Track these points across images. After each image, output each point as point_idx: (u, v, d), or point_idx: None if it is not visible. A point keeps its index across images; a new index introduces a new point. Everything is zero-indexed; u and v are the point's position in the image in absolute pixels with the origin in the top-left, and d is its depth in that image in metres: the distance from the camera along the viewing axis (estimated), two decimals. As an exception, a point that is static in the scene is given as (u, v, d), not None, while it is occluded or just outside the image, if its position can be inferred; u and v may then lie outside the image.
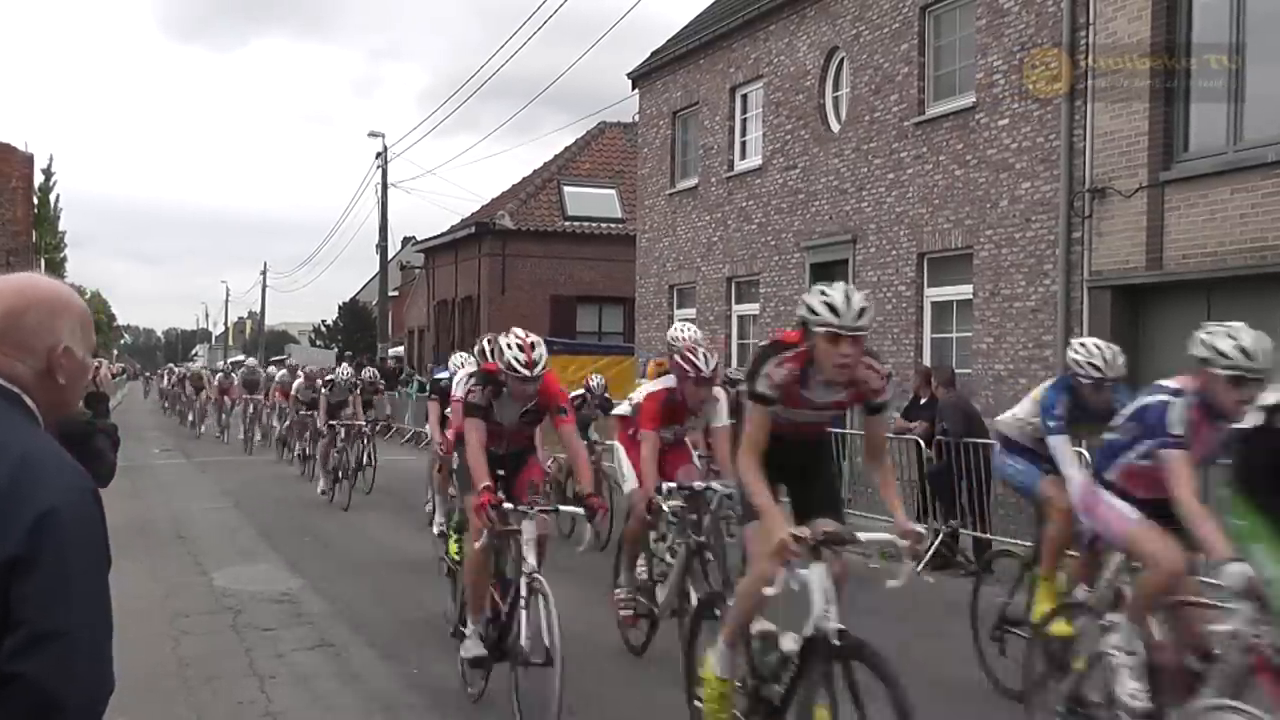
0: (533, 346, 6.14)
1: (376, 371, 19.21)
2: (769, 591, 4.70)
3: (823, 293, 4.71)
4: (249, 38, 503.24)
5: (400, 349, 45.99)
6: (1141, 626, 5.17)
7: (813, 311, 4.67)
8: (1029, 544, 8.18)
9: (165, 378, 49.70)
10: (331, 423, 16.15)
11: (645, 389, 7.89)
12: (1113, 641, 5.26)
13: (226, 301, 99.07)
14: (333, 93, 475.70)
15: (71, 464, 2.00)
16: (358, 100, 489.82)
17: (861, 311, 4.65)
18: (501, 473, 6.48)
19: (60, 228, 50.08)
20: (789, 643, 4.91)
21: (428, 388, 14.30)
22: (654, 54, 22.79)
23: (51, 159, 57.90)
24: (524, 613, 5.98)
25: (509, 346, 6.15)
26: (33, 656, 1.81)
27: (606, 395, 13.11)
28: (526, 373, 6.09)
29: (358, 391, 16.85)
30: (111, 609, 1.96)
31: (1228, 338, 4.93)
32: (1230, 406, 4.88)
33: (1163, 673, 5.00)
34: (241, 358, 64.67)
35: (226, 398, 28.69)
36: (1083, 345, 6.67)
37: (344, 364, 18.36)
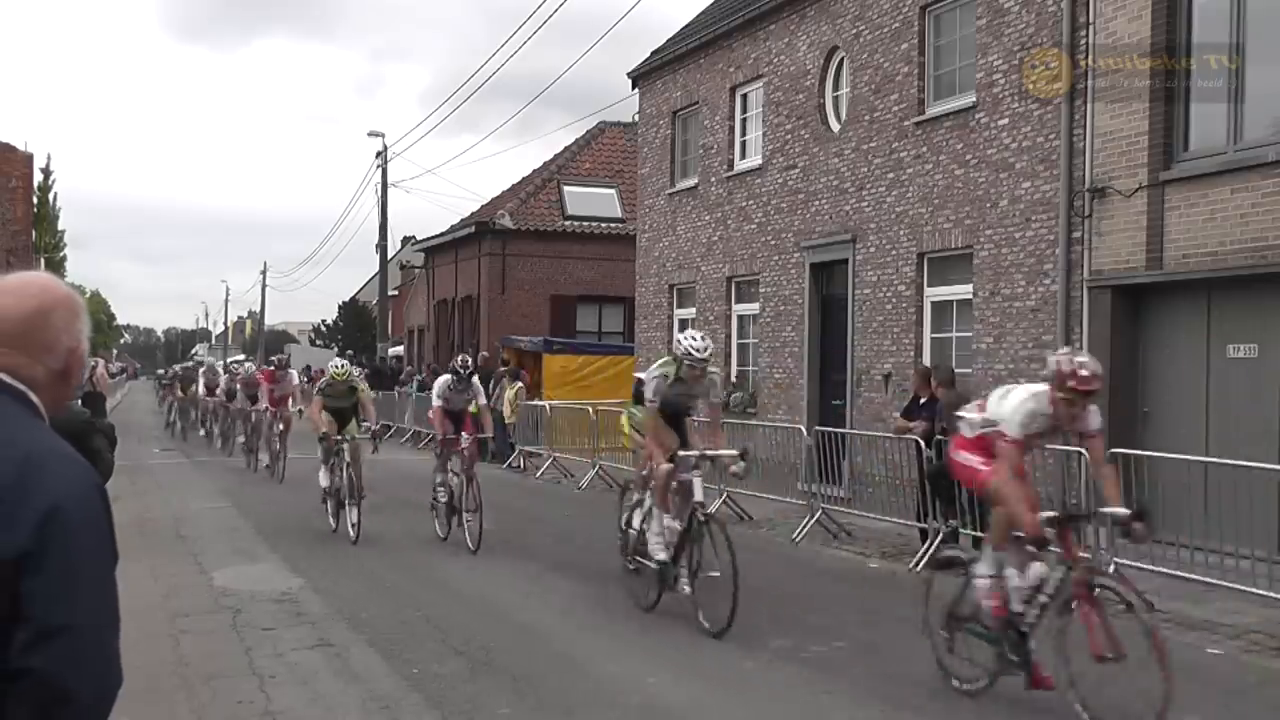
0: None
1: None
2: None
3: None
4: (252, 38, 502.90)
5: (400, 348, 46.01)
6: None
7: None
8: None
9: (202, 384, 28.88)
10: None
11: None
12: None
13: (226, 301, 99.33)
14: (335, 93, 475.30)
15: (78, 460, 2.01)
16: (360, 100, 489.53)
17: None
18: None
19: (60, 227, 50.21)
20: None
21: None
22: (654, 53, 22.79)
23: (49, 158, 58.03)
24: None
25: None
26: (42, 651, 1.83)
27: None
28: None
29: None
30: (119, 604, 1.98)
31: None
32: None
33: None
34: (241, 357, 64.49)
35: (464, 435, 12.40)
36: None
37: None
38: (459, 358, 13.29)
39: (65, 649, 1.85)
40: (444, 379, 12.90)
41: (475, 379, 12.72)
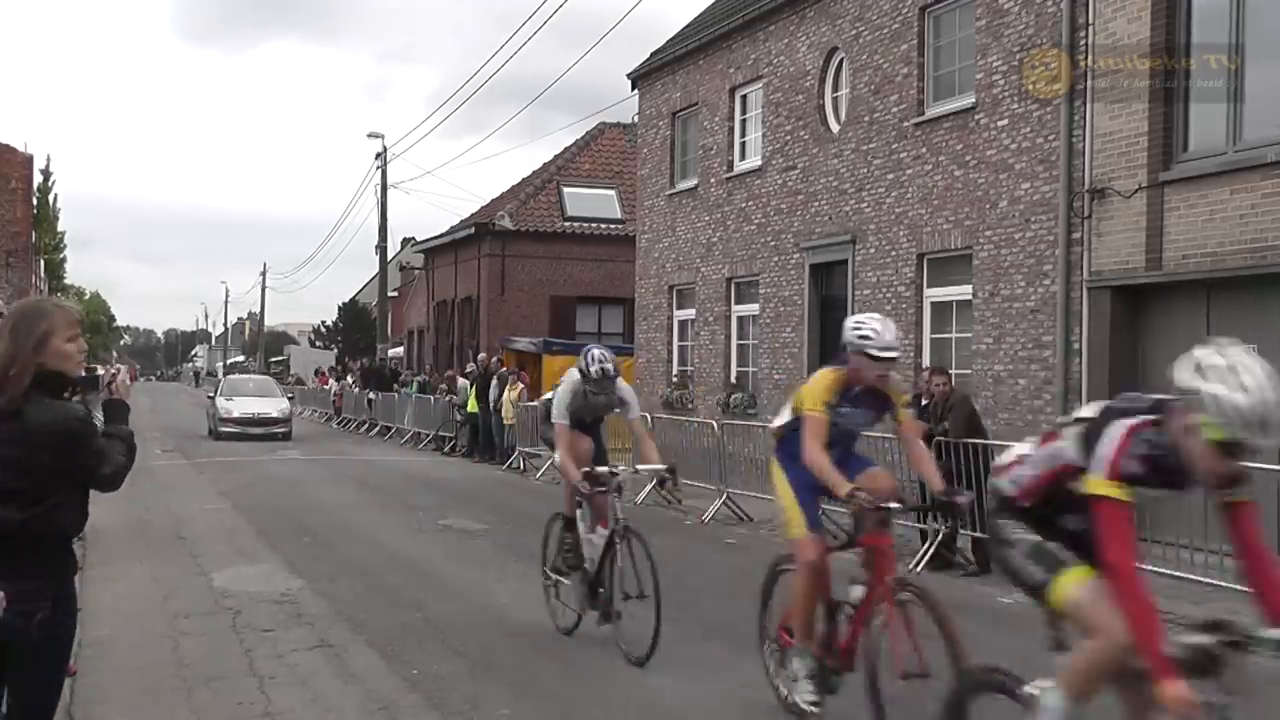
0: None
1: None
2: None
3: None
4: (259, 40, 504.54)
5: (400, 349, 46.01)
6: None
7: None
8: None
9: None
10: None
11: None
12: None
13: (226, 302, 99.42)
14: (342, 95, 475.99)
15: None
16: (365, 102, 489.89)
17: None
18: None
19: (60, 228, 50.19)
20: None
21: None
22: (654, 54, 22.79)
23: (49, 159, 57.96)
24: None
25: None
26: None
27: None
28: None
29: None
30: None
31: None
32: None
33: None
34: (241, 358, 64.53)
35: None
36: None
37: None
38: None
39: None
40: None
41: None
